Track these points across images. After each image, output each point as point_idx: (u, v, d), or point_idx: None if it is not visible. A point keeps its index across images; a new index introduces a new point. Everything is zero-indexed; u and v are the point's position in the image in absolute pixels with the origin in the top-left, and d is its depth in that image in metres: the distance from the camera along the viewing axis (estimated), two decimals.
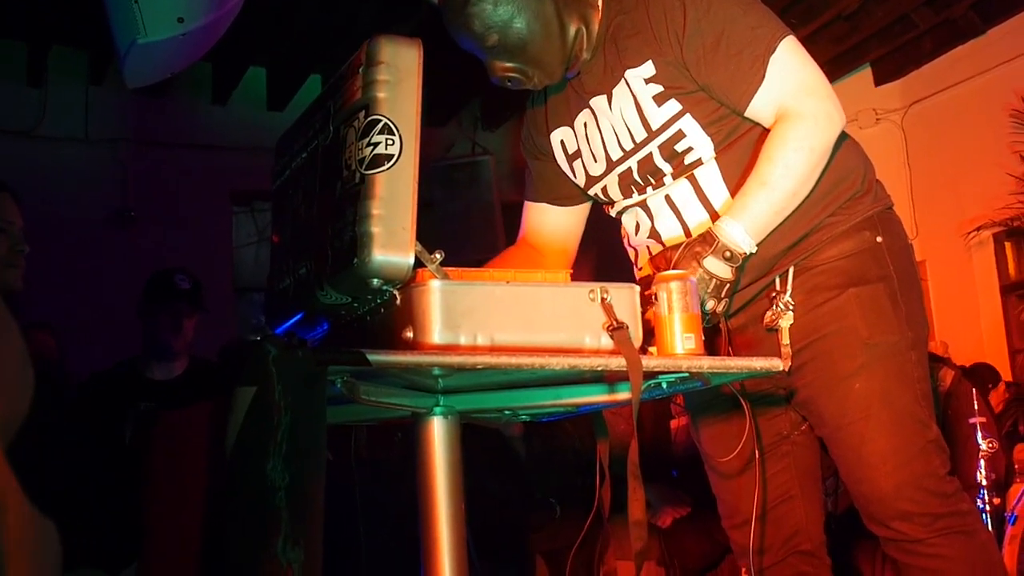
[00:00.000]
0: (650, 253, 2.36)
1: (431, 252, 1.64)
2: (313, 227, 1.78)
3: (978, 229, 6.98)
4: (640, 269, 2.36)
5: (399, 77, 1.64)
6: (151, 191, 6.90)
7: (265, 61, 7.13)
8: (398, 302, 1.66)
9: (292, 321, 1.91)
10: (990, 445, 3.87)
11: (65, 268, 6.21)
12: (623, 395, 1.94)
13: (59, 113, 6.79)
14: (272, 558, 1.47)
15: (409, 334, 1.62)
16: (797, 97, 2.19)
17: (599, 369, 1.70)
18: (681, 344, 1.84)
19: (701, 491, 4.56)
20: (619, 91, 2.30)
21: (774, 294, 2.23)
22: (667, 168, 2.29)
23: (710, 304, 2.07)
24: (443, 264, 1.66)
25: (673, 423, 4.96)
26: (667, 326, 1.85)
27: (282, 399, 1.52)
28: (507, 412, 2.19)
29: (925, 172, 7.44)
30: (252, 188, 7.07)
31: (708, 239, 2.10)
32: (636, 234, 2.42)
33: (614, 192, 2.41)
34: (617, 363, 1.68)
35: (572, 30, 2.27)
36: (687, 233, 2.30)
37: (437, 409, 1.86)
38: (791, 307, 2.20)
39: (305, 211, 1.84)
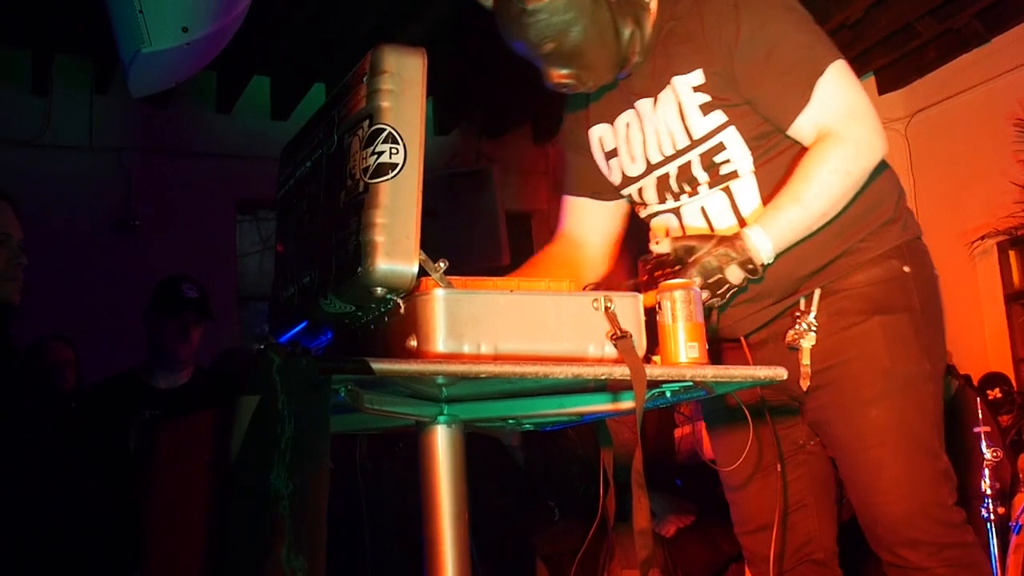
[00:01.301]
0: None
1: (435, 261, 1.64)
2: (317, 236, 1.78)
3: (982, 238, 6.98)
4: (657, 242, 2.30)
5: (403, 86, 1.65)
6: (155, 200, 6.91)
7: (269, 70, 7.14)
8: (402, 311, 1.66)
9: (296, 330, 1.91)
10: (994, 454, 3.85)
11: (69, 277, 6.22)
12: (627, 404, 1.94)
13: (63, 122, 6.81)
14: (276, 567, 1.47)
15: (413, 343, 1.62)
16: (841, 121, 2.20)
17: (603, 378, 1.69)
18: (685, 353, 1.83)
19: (705, 500, 4.58)
20: (665, 96, 2.31)
21: (798, 314, 2.26)
22: (704, 177, 2.31)
23: (704, 294, 2.08)
24: (447, 273, 1.66)
25: (677, 432, 4.95)
26: (671, 335, 1.85)
27: (286, 408, 1.51)
28: (511, 421, 2.20)
29: (929, 181, 7.43)
30: (256, 197, 7.08)
31: (738, 245, 2.11)
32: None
33: (649, 195, 2.43)
34: (621, 372, 1.68)
35: (626, 34, 2.28)
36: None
37: (441, 418, 1.86)
38: (814, 328, 2.23)
39: (309, 220, 1.84)
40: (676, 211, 2.38)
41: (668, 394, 1.92)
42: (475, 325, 1.64)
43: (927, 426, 2.26)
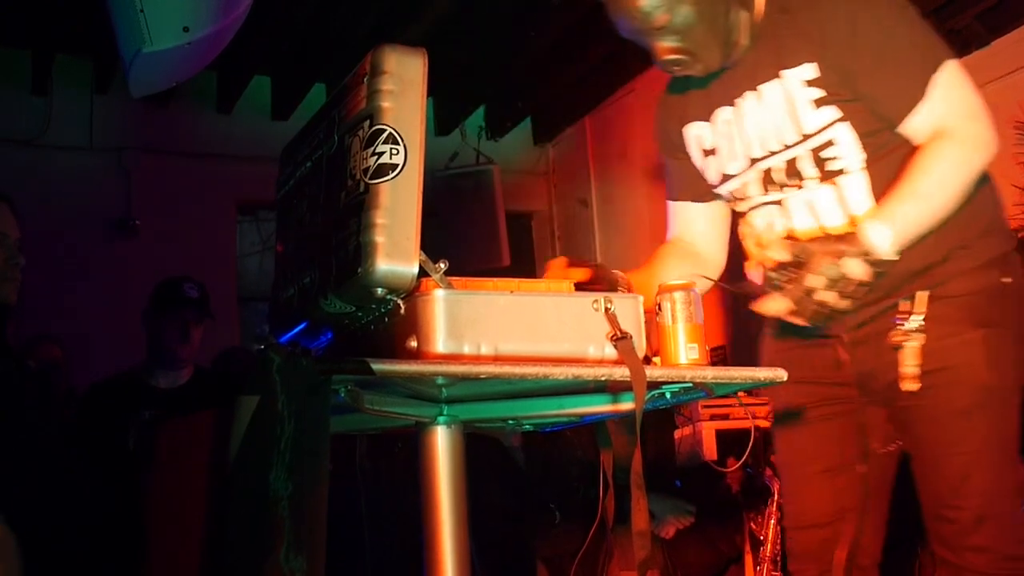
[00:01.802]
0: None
1: (435, 262, 1.64)
2: (317, 236, 1.78)
3: None
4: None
5: (403, 87, 1.64)
6: (155, 200, 6.91)
7: (270, 70, 7.14)
8: (402, 311, 1.66)
9: (296, 330, 1.91)
10: None
11: (69, 276, 6.22)
12: (627, 405, 1.94)
13: (63, 122, 6.80)
14: (275, 567, 1.47)
15: (413, 343, 1.62)
16: (957, 118, 2.21)
17: (603, 379, 1.69)
18: (685, 354, 1.84)
19: (704, 501, 4.58)
20: (771, 89, 2.31)
21: (900, 316, 2.24)
22: (812, 172, 2.31)
23: (842, 304, 2.07)
24: (447, 274, 1.66)
25: (677, 433, 4.96)
26: (671, 336, 1.85)
27: (286, 408, 1.51)
28: (510, 421, 2.19)
29: None
30: (256, 197, 7.08)
31: (853, 239, 2.10)
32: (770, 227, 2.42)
33: (753, 188, 2.42)
34: (621, 373, 1.68)
35: (735, 17, 2.29)
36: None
37: (440, 418, 1.86)
38: (922, 329, 2.22)
39: (309, 220, 1.84)
40: (782, 203, 2.38)
41: (668, 395, 1.92)
42: (475, 326, 1.64)
43: (1013, 438, 2.29)
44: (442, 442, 1.86)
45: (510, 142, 7.88)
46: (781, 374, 1.86)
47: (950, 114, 2.21)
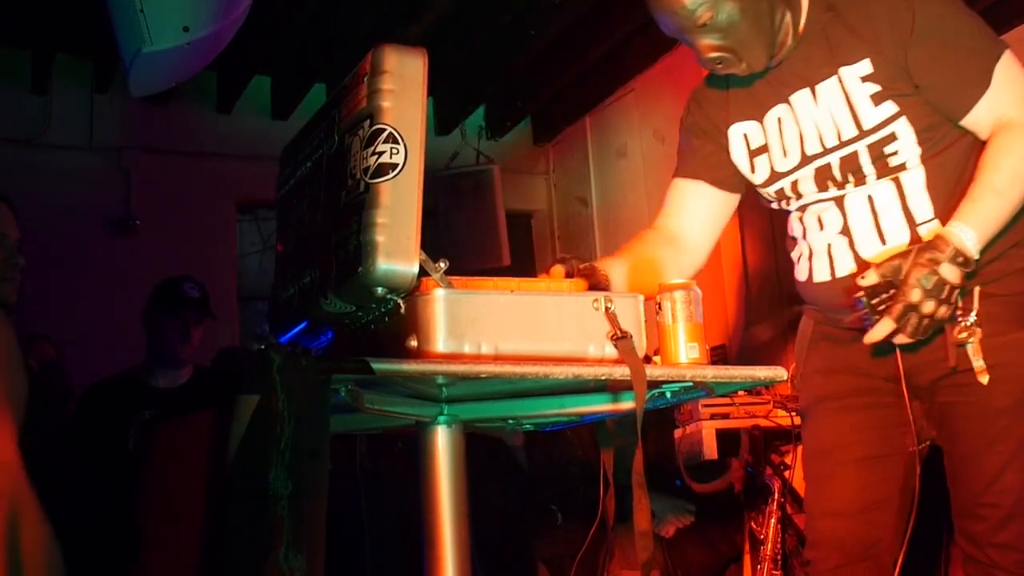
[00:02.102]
0: (830, 252, 2.37)
1: (435, 261, 1.64)
2: (318, 236, 1.78)
3: None
4: (862, 277, 2.23)
5: (404, 86, 1.65)
6: (155, 199, 6.90)
7: (269, 70, 7.13)
8: (402, 311, 1.66)
9: (296, 330, 1.91)
10: None
11: (68, 276, 6.21)
12: (627, 404, 1.94)
13: (63, 121, 6.79)
14: (274, 566, 1.47)
15: (413, 343, 1.62)
16: (1021, 108, 2.21)
17: (603, 378, 1.69)
18: (685, 353, 1.84)
19: (704, 500, 4.57)
20: (827, 87, 2.31)
21: (959, 312, 2.22)
22: (870, 168, 2.30)
23: (942, 311, 2.11)
24: (447, 273, 1.66)
25: (677, 432, 4.95)
26: (671, 335, 1.85)
27: (286, 408, 1.51)
28: (511, 421, 2.20)
29: None
30: (256, 197, 7.07)
31: (941, 244, 2.11)
32: (820, 230, 2.41)
33: (806, 186, 2.40)
34: (621, 372, 1.68)
35: (780, 17, 2.29)
36: (879, 234, 2.30)
37: (441, 418, 1.86)
38: (979, 324, 2.21)
39: (310, 220, 1.84)
40: (839, 200, 2.36)
41: (668, 394, 1.93)
42: (475, 325, 1.64)
43: None
44: (442, 442, 1.86)
45: (510, 142, 7.87)
46: (781, 373, 1.87)
47: (1013, 103, 2.22)
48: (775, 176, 2.44)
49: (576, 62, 6.58)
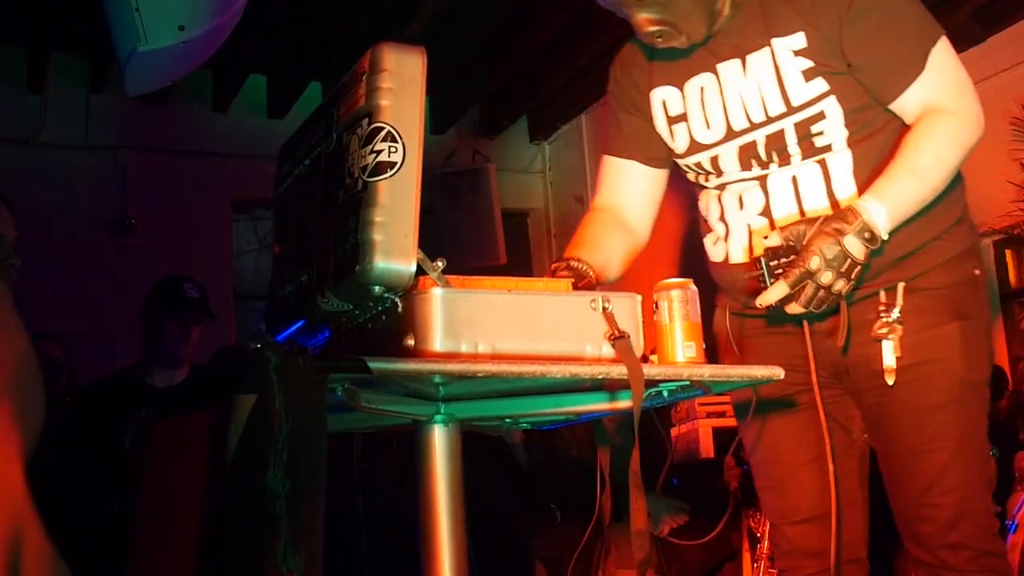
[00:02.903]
0: (750, 232, 2.31)
1: (433, 260, 1.64)
2: (315, 234, 1.78)
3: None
4: (766, 237, 2.20)
5: (402, 85, 1.64)
6: (151, 198, 6.90)
7: (265, 69, 7.14)
8: (399, 310, 1.66)
9: (293, 328, 1.91)
10: (992, 453, 3.85)
11: (64, 275, 6.21)
12: (624, 403, 1.94)
13: (59, 120, 6.79)
14: (272, 566, 1.47)
15: (410, 342, 1.62)
16: (951, 94, 2.17)
17: (600, 378, 1.69)
18: (682, 352, 1.84)
19: (699, 500, 4.58)
20: (758, 59, 2.24)
21: (882, 307, 2.18)
22: (796, 148, 2.24)
23: (839, 284, 2.04)
24: (444, 272, 1.66)
25: (674, 431, 4.96)
26: (668, 334, 1.85)
27: (283, 407, 1.51)
28: (508, 420, 2.19)
29: None
30: (253, 195, 7.07)
31: (849, 216, 2.05)
32: (740, 210, 2.34)
33: (728, 163, 2.33)
34: (618, 371, 1.68)
35: None
36: (802, 216, 2.23)
37: (438, 417, 1.86)
38: (901, 321, 2.16)
39: (307, 218, 1.84)
40: (762, 180, 2.30)
41: (665, 393, 1.93)
42: (473, 324, 1.64)
43: (984, 433, 2.27)
44: (439, 440, 1.86)
45: (506, 140, 7.88)
46: (778, 372, 1.87)
47: (943, 90, 2.17)
48: (695, 147, 2.36)
49: (572, 60, 6.58)
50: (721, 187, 2.38)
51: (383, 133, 1.61)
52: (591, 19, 6.05)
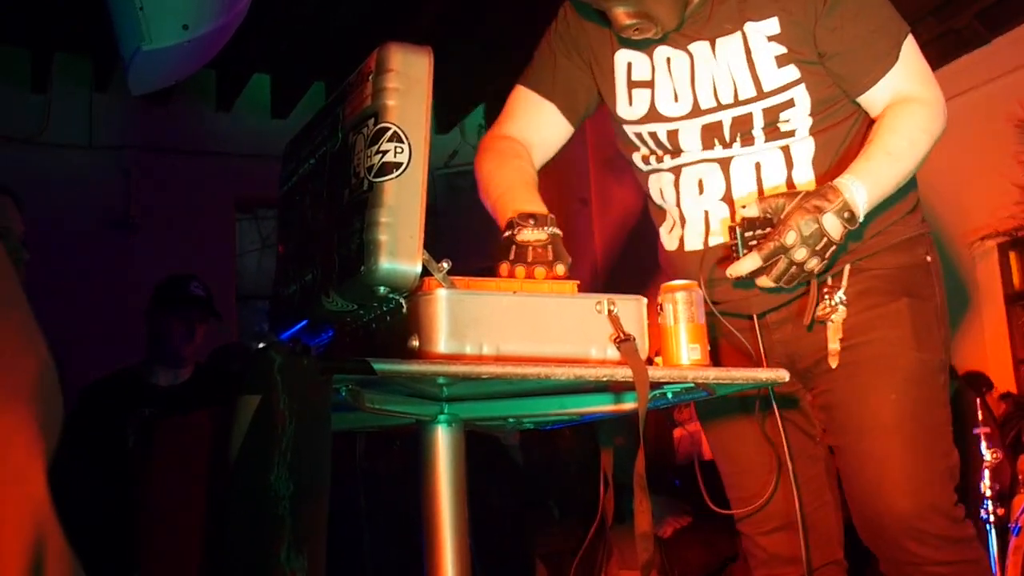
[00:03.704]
0: (707, 219, 2.27)
1: (438, 261, 1.64)
2: (320, 234, 1.77)
3: (982, 239, 6.96)
4: (744, 207, 2.14)
5: (409, 85, 1.64)
6: (155, 198, 6.91)
7: (269, 68, 7.14)
8: (404, 310, 1.66)
9: (297, 327, 1.90)
10: (994, 455, 3.84)
11: (68, 275, 6.21)
12: (629, 405, 1.94)
13: (63, 119, 6.80)
14: (276, 566, 1.47)
15: (415, 343, 1.62)
16: (921, 85, 2.20)
17: (604, 380, 1.69)
18: (687, 354, 1.84)
19: (702, 501, 4.58)
20: (728, 42, 2.21)
21: (826, 289, 2.17)
22: (760, 132, 2.22)
23: (812, 262, 2.01)
24: (449, 273, 1.65)
25: (676, 432, 4.96)
26: (672, 336, 1.85)
27: (287, 407, 1.51)
28: (511, 420, 2.19)
29: (929, 181, 7.39)
30: (256, 195, 7.07)
31: (830, 194, 2.03)
32: (699, 195, 2.29)
33: (688, 141, 2.28)
34: (623, 374, 1.68)
35: None
36: (760, 195, 2.21)
37: (441, 417, 1.86)
38: (845, 303, 2.15)
39: (312, 217, 1.84)
40: (723, 162, 2.26)
41: (670, 395, 1.93)
42: (477, 326, 1.64)
43: (942, 419, 2.21)
44: (442, 441, 1.86)
45: None
46: (783, 375, 1.86)
47: (913, 80, 2.20)
48: (654, 116, 2.30)
49: None
50: (677, 169, 2.33)
51: (389, 133, 1.61)
52: None
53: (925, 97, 2.19)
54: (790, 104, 2.20)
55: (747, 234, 2.06)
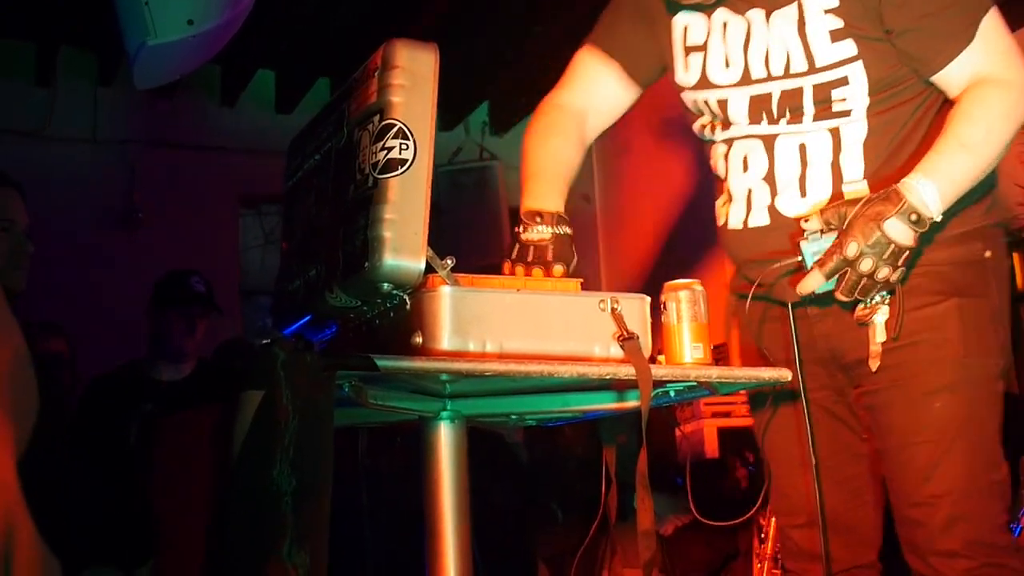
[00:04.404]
0: (749, 198, 2.17)
1: (442, 258, 1.64)
2: (324, 229, 1.78)
3: None
4: (806, 220, 2.02)
5: (415, 82, 1.64)
6: (159, 192, 6.90)
7: (274, 64, 7.13)
8: (408, 307, 1.66)
9: (300, 323, 1.91)
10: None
11: (71, 269, 6.20)
12: (631, 403, 1.94)
13: (67, 114, 6.79)
14: (278, 562, 1.47)
15: (418, 339, 1.62)
16: (1004, 64, 2.00)
17: (607, 378, 1.69)
18: (690, 353, 1.84)
19: (703, 499, 4.57)
20: (785, 13, 2.10)
21: None
22: (811, 108, 2.10)
23: (884, 271, 1.90)
24: (453, 270, 1.66)
25: (678, 431, 4.96)
26: (676, 335, 1.85)
27: (290, 403, 1.51)
28: (513, 417, 2.20)
29: None
30: (260, 191, 7.06)
31: (894, 197, 1.90)
32: (744, 172, 2.20)
33: (737, 112, 2.18)
34: (626, 372, 1.68)
35: None
36: (801, 186, 2.12)
37: (444, 413, 1.86)
38: (887, 302, 1.99)
39: (316, 213, 1.84)
40: (768, 140, 2.16)
41: (672, 393, 1.93)
42: (481, 323, 1.64)
43: (992, 429, 2.06)
44: (445, 437, 1.86)
45: (514, 138, 7.86)
46: (786, 374, 1.86)
47: (995, 60, 2.01)
48: (705, 84, 2.21)
49: None
50: (729, 142, 2.24)
51: (394, 130, 1.61)
52: (600, 16, 6.05)
53: (1008, 78, 1.99)
54: (843, 82, 2.07)
55: (813, 250, 1.96)
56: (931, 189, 1.92)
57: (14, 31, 6.41)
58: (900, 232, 1.90)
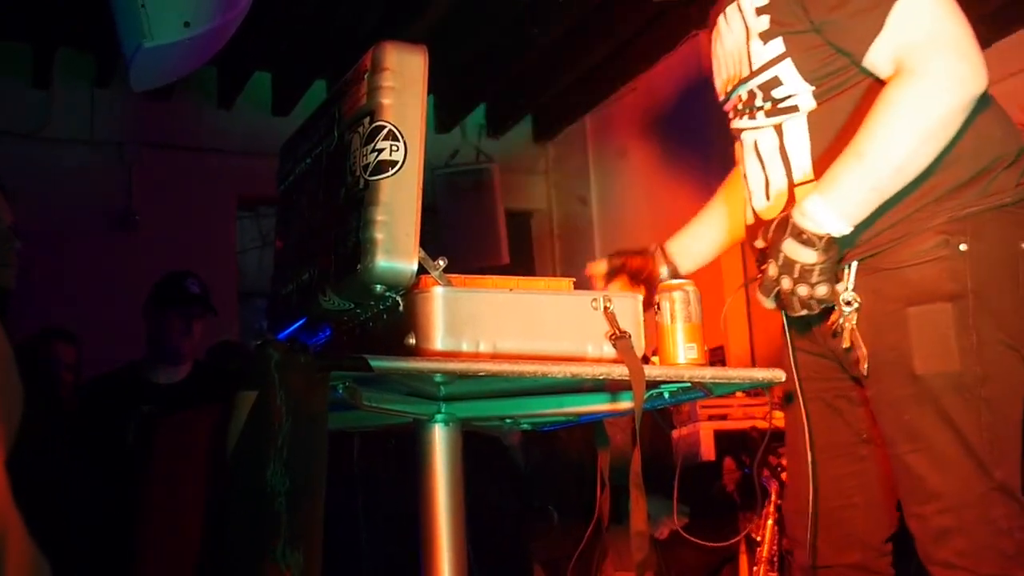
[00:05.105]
0: (748, 191, 2.21)
1: (434, 259, 1.64)
2: (317, 232, 1.78)
3: None
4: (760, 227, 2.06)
5: (404, 84, 1.65)
6: (155, 194, 6.90)
7: (270, 66, 7.13)
8: (401, 308, 1.66)
9: (295, 326, 1.91)
10: None
11: (68, 270, 6.21)
12: (625, 404, 1.95)
13: (64, 115, 6.79)
14: (272, 562, 1.47)
15: (411, 340, 1.62)
16: (922, 52, 1.88)
17: (601, 378, 1.70)
18: (683, 353, 1.84)
19: (699, 502, 4.57)
20: (732, 13, 2.12)
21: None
22: (764, 107, 2.10)
23: (803, 290, 1.89)
24: (445, 271, 1.66)
25: (675, 433, 4.96)
26: (669, 335, 1.85)
27: (284, 404, 1.52)
28: (508, 420, 2.20)
29: None
30: (256, 192, 7.06)
31: (788, 218, 1.92)
32: (747, 168, 2.22)
33: (729, 111, 2.25)
34: (619, 372, 1.68)
35: None
36: (766, 188, 2.13)
37: (439, 416, 1.86)
38: (855, 304, 1.94)
39: (309, 216, 1.84)
40: (746, 140, 2.20)
41: (666, 395, 1.93)
42: (474, 323, 1.64)
43: (974, 437, 1.94)
44: (440, 440, 1.86)
45: (510, 140, 7.86)
46: (779, 375, 1.86)
47: (912, 45, 1.89)
48: (722, 84, 2.26)
49: (578, 61, 6.57)
50: (739, 131, 2.25)
51: (385, 132, 1.61)
52: (598, 20, 6.05)
53: (924, 67, 1.87)
54: (777, 82, 2.05)
55: (761, 268, 1.98)
56: (819, 205, 1.89)
57: (11, 32, 6.41)
58: (796, 251, 1.91)
